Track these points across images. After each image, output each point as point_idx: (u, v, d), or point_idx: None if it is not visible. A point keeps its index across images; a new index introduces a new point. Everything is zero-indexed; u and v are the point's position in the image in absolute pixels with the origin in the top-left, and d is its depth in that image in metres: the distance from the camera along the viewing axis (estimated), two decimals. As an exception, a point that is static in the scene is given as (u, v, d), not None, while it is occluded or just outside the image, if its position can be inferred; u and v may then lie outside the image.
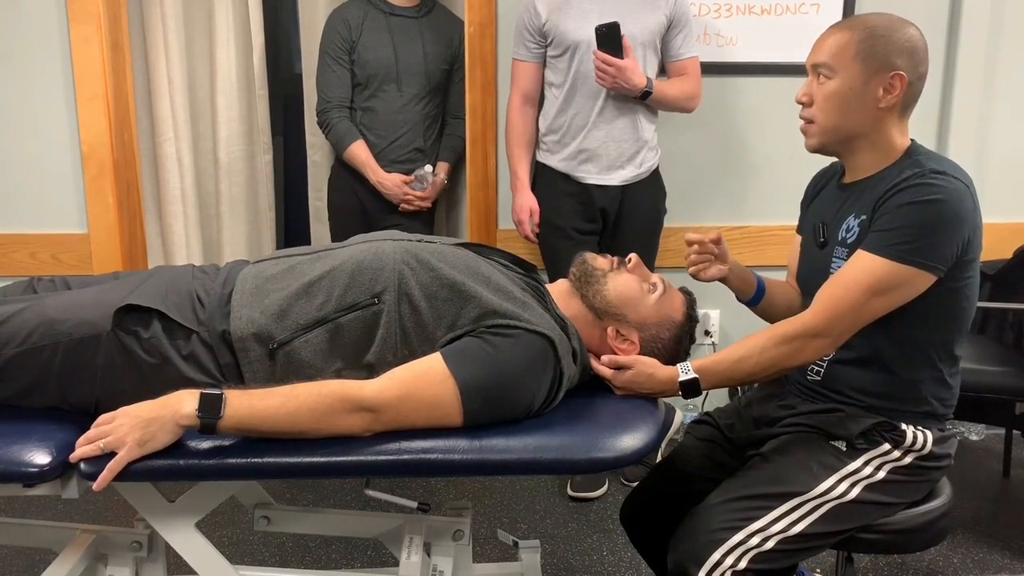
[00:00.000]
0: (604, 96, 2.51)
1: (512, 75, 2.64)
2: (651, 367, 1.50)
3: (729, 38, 2.85)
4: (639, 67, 2.47)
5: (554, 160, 2.61)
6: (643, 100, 2.51)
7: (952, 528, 1.60)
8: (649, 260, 2.67)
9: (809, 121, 1.54)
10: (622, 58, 2.40)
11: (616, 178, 2.58)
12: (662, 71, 2.64)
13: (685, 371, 1.49)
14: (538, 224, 2.64)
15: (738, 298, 1.75)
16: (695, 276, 1.70)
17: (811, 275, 1.58)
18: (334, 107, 2.86)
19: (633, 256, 1.60)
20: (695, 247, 1.68)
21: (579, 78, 2.51)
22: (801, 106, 1.55)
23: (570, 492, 2.65)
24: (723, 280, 1.72)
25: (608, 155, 2.55)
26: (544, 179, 2.64)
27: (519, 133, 2.64)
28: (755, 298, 1.73)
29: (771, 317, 1.74)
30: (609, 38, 2.39)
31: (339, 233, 2.96)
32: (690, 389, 1.48)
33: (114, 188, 2.78)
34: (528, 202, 2.63)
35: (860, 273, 1.43)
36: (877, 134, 1.51)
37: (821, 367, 1.57)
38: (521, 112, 2.63)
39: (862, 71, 1.47)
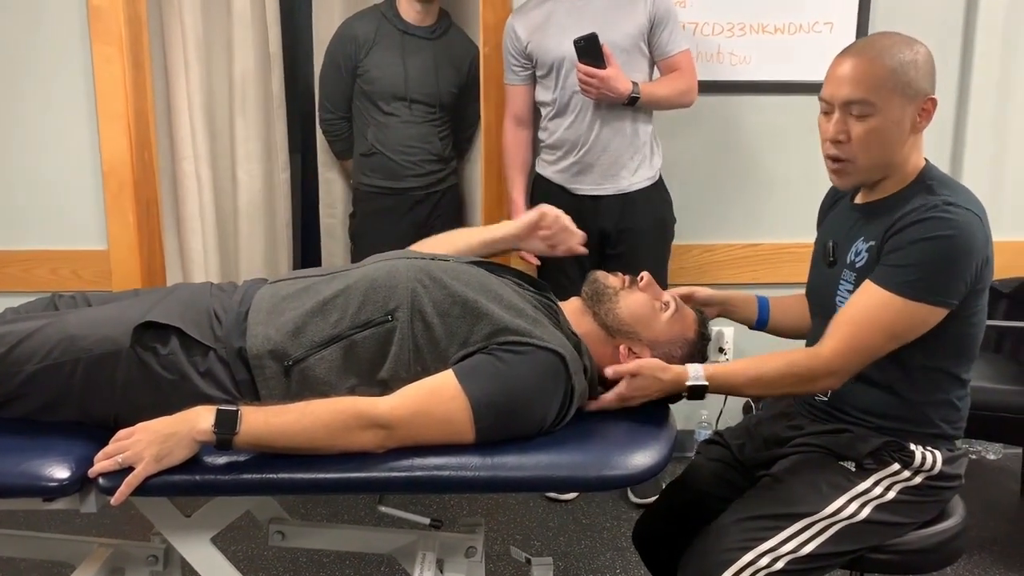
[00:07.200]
0: (593, 108, 2.50)
1: (505, 100, 2.67)
2: (659, 370, 1.48)
3: (742, 57, 2.86)
4: (622, 74, 2.44)
5: (550, 171, 2.62)
6: (632, 106, 2.50)
7: (966, 548, 1.59)
8: (660, 272, 2.64)
9: (846, 160, 1.47)
10: (604, 68, 2.40)
11: (613, 188, 2.56)
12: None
13: (696, 375, 1.47)
14: None
15: (742, 323, 1.77)
16: None
17: (817, 291, 1.59)
18: (338, 118, 3.03)
19: (645, 274, 1.61)
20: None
21: (566, 93, 2.52)
22: (836, 143, 1.46)
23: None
24: (725, 315, 1.75)
25: (602, 165, 2.54)
26: (540, 190, 2.65)
27: (512, 156, 2.68)
28: (759, 322, 1.75)
29: (784, 334, 1.76)
30: (588, 50, 2.38)
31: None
32: (697, 393, 1.48)
33: (134, 206, 2.82)
34: None
35: (880, 313, 1.41)
36: (902, 158, 1.49)
37: None
38: (515, 135, 2.67)
39: (900, 104, 1.43)
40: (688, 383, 1.47)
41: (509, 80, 2.64)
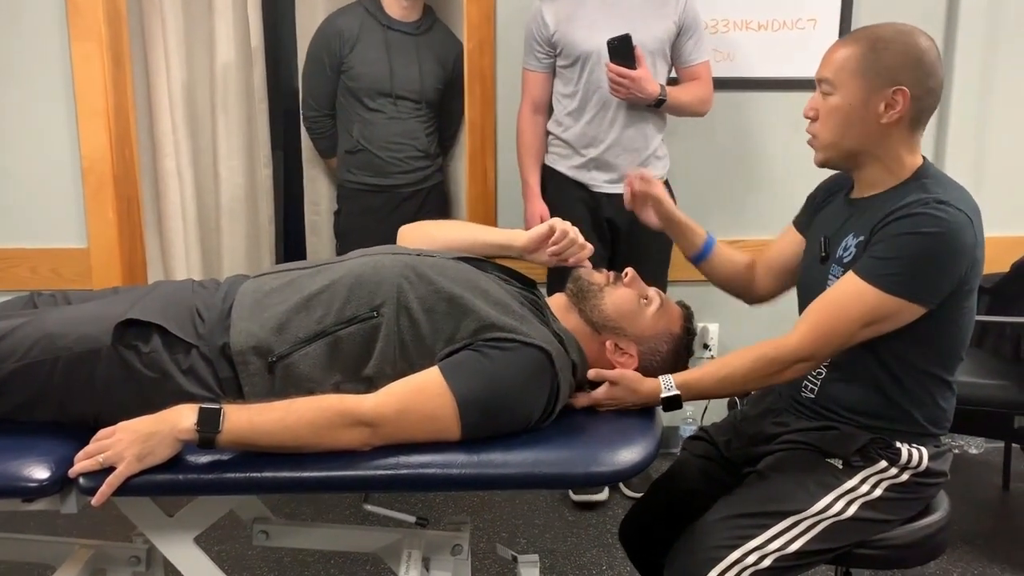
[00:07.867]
0: (615, 106, 2.51)
1: (522, 85, 2.65)
2: (635, 382, 1.49)
3: (726, 53, 2.86)
4: (652, 76, 2.47)
5: (564, 166, 2.61)
6: (657, 108, 2.52)
7: (950, 542, 1.60)
8: (661, 272, 2.65)
9: (813, 136, 1.53)
10: (635, 69, 2.41)
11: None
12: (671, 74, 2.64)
13: (668, 387, 1.48)
14: None
15: (682, 250, 1.80)
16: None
17: (809, 289, 1.58)
18: (323, 115, 3.00)
19: (629, 270, 1.61)
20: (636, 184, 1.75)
21: (589, 88, 2.51)
22: (810, 120, 1.54)
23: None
24: (670, 233, 1.79)
25: (618, 164, 2.55)
26: (554, 184, 2.65)
27: (528, 143, 2.65)
28: (699, 256, 1.78)
29: (712, 278, 1.80)
30: (621, 50, 2.39)
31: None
32: (672, 404, 1.49)
33: (114, 203, 2.79)
34: (539, 209, 2.63)
35: (852, 302, 1.42)
36: (882, 150, 1.48)
37: (815, 385, 1.57)
38: (531, 121, 2.64)
39: (862, 87, 1.44)
40: (662, 395, 1.48)
41: (530, 66, 2.61)
